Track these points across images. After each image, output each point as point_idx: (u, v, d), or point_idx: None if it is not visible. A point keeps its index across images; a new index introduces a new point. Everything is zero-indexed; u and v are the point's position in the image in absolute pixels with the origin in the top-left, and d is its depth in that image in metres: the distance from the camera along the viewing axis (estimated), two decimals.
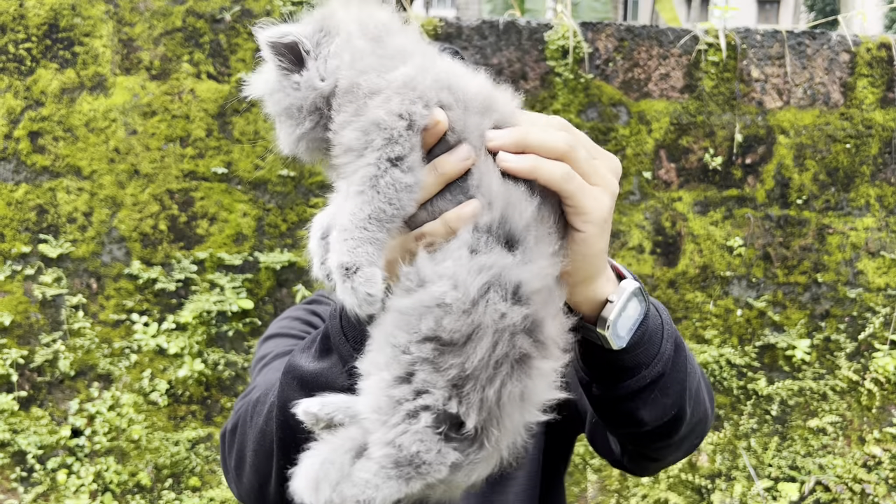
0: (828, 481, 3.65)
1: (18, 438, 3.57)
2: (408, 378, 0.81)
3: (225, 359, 3.65)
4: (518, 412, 0.82)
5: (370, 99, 0.83)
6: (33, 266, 3.57)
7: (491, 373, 0.79)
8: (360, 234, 0.82)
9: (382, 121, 0.81)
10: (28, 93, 3.51)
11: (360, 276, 0.81)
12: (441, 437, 0.81)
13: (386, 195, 0.81)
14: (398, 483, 0.81)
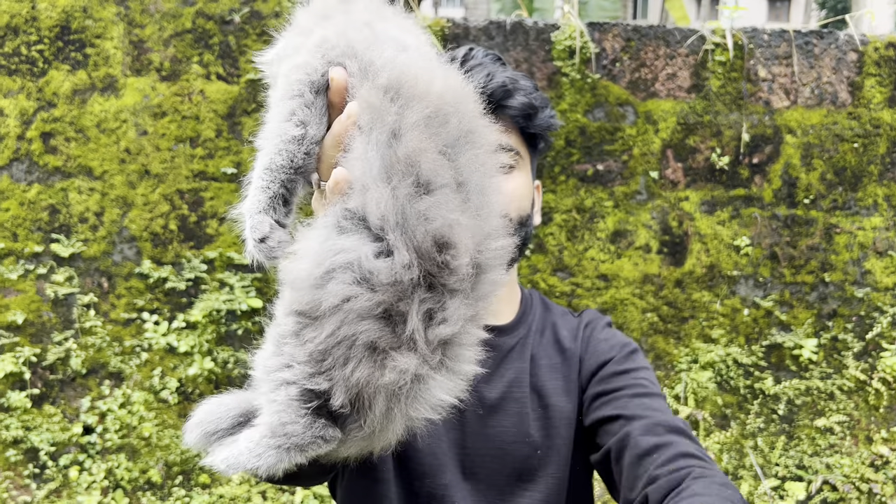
0: (835, 481, 3.66)
1: (31, 435, 3.62)
2: (279, 349, 0.84)
3: (234, 357, 3.69)
4: (388, 403, 0.82)
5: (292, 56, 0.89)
6: (45, 265, 3.61)
7: (345, 352, 0.80)
8: (255, 183, 0.87)
9: (286, 74, 0.86)
10: (40, 94, 3.56)
11: (248, 223, 0.86)
12: (309, 412, 0.82)
13: (276, 146, 0.85)
14: (277, 453, 0.83)
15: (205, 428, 0.91)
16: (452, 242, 0.81)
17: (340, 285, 0.79)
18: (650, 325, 3.71)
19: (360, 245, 0.80)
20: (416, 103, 0.84)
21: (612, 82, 3.61)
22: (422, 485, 1.35)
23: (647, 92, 3.62)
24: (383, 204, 0.80)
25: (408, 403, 0.83)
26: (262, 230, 0.85)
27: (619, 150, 3.63)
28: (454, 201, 0.82)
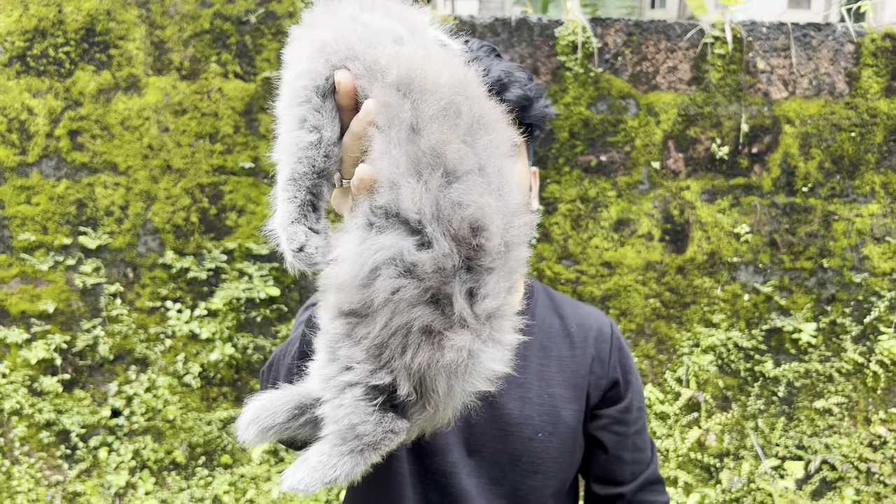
0: (834, 460, 3.77)
1: (63, 418, 3.81)
2: (333, 355, 0.86)
3: (254, 343, 3.86)
4: (449, 381, 0.86)
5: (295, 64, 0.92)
6: (74, 257, 3.80)
7: (402, 341, 0.82)
8: (281, 195, 0.88)
9: (290, 82, 0.88)
10: (67, 94, 3.73)
11: (284, 233, 0.88)
12: (377, 408, 0.85)
13: (294, 155, 0.87)
14: (352, 458, 0.86)
15: (261, 424, 0.91)
16: (485, 225, 0.83)
17: (387, 280, 0.81)
18: (653, 311, 3.83)
19: (398, 240, 0.82)
20: (429, 96, 0.85)
21: (615, 76, 3.73)
22: (431, 462, 1.43)
23: (648, 85, 3.73)
24: (418, 198, 0.82)
25: (466, 379, 0.86)
26: (299, 240, 0.87)
27: (622, 141, 3.75)
28: (480, 185, 0.85)
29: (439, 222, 0.82)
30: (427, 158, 0.83)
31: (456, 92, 0.87)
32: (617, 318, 3.83)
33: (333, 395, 0.86)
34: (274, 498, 3.77)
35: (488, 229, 0.84)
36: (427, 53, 0.92)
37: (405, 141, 0.84)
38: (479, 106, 0.90)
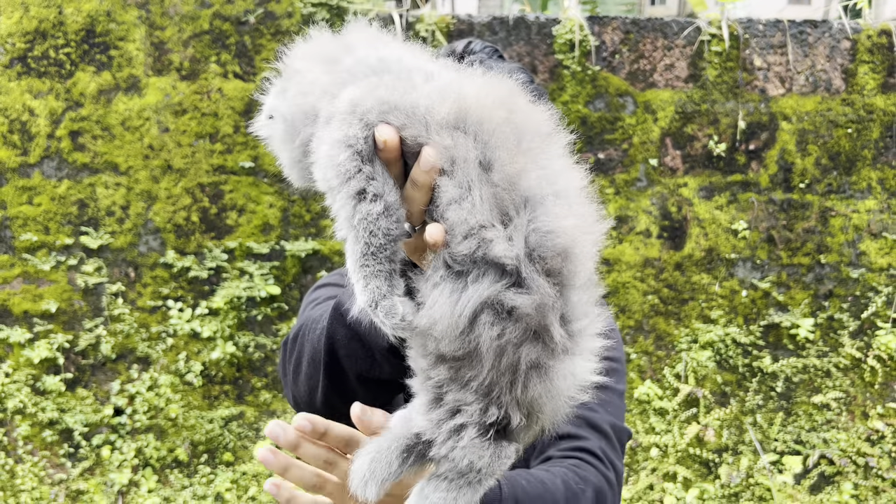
0: (832, 455, 3.79)
1: (66, 417, 3.84)
2: (439, 399, 0.85)
3: (255, 341, 3.88)
4: (554, 402, 0.85)
5: (325, 128, 0.87)
6: (76, 257, 3.82)
7: (510, 377, 0.82)
8: (363, 272, 0.85)
9: (330, 156, 0.84)
10: (68, 94, 3.76)
11: (379, 310, 0.86)
12: (491, 441, 0.84)
13: (366, 229, 0.84)
14: (471, 489, 0.86)
15: (378, 478, 0.89)
16: (573, 250, 0.81)
17: (489, 327, 0.80)
18: (651, 307, 3.85)
19: (492, 286, 0.80)
20: (486, 125, 0.82)
21: (612, 74, 3.75)
22: None
23: (645, 82, 3.76)
24: (509, 242, 0.80)
25: (567, 395, 0.86)
26: (398, 313, 0.85)
27: (620, 139, 3.77)
28: (561, 208, 0.82)
29: (532, 261, 0.80)
30: (507, 194, 0.80)
31: (509, 111, 0.84)
32: (615, 315, 3.86)
33: (447, 437, 0.85)
34: None
35: (576, 253, 0.82)
36: (460, 79, 0.88)
37: (477, 180, 0.80)
38: (533, 118, 0.87)
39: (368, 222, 0.84)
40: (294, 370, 1.30)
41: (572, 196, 0.85)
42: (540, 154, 0.84)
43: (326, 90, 0.88)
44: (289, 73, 0.95)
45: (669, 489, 3.79)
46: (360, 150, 0.83)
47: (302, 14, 3.73)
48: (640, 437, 3.84)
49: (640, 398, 3.85)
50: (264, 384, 3.93)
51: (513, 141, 0.82)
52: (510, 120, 0.83)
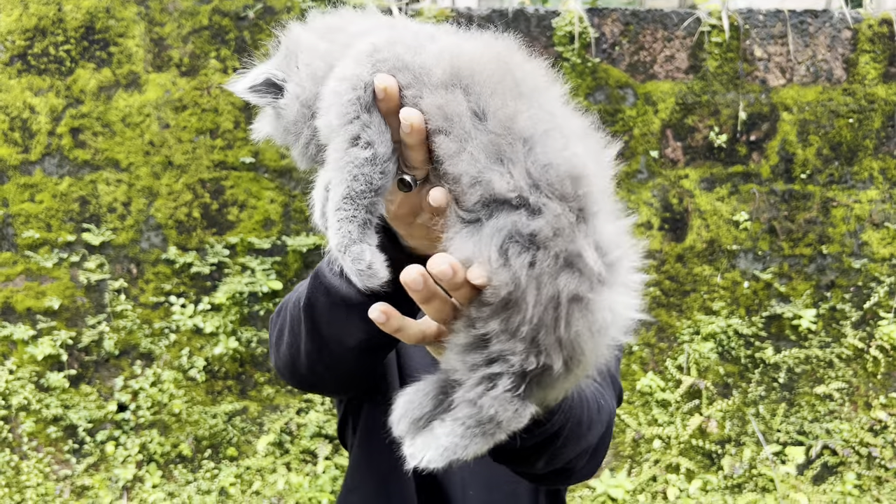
0: (835, 445, 3.79)
1: (70, 413, 3.85)
2: (480, 346, 0.84)
3: (257, 336, 3.89)
4: (596, 341, 0.84)
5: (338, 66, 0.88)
6: (78, 253, 3.83)
7: (553, 314, 0.81)
8: (340, 215, 0.87)
9: (336, 92, 0.85)
10: (68, 92, 3.76)
11: (348, 255, 0.87)
12: (521, 396, 0.84)
13: (350, 173, 0.86)
14: (483, 439, 0.85)
15: (411, 416, 0.90)
16: (582, 173, 0.82)
17: (517, 256, 0.80)
18: (653, 299, 3.85)
19: (508, 217, 0.81)
20: (479, 76, 0.84)
21: (612, 65, 3.74)
22: None
23: (646, 74, 3.75)
24: (508, 178, 0.81)
25: (608, 334, 0.85)
26: (365, 259, 0.86)
27: (620, 130, 3.76)
28: (561, 139, 0.83)
29: (539, 189, 0.81)
30: (502, 138, 0.82)
31: (503, 62, 0.87)
32: None
33: (478, 383, 0.85)
34: (280, 489, 3.81)
35: (586, 176, 0.83)
36: (458, 41, 0.91)
37: (473, 131, 0.83)
38: (528, 67, 0.90)
39: (354, 166, 0.86)
40: (276, 340, 1.31)
41: (572, 130, 0.86)
42: (535, 98, 0.86)
43: (337, 55, 0.90)
44: (293, 46, 0.96)
45: (672, 480, 3.80)
46: (361, 96, 0.85)
47: (301, 8, 3.73)
48: (643, 429, 3.84)
49: (643, 390, 3.86)
50: (267, 379, 3.94)
51: (507, 88, 0.84)
52: (503, 69, 0.86)
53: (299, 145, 0.97)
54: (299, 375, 1.27)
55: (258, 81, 0.97)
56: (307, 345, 1.19)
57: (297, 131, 0.95)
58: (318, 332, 1.16)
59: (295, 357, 1.24)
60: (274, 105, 0.97)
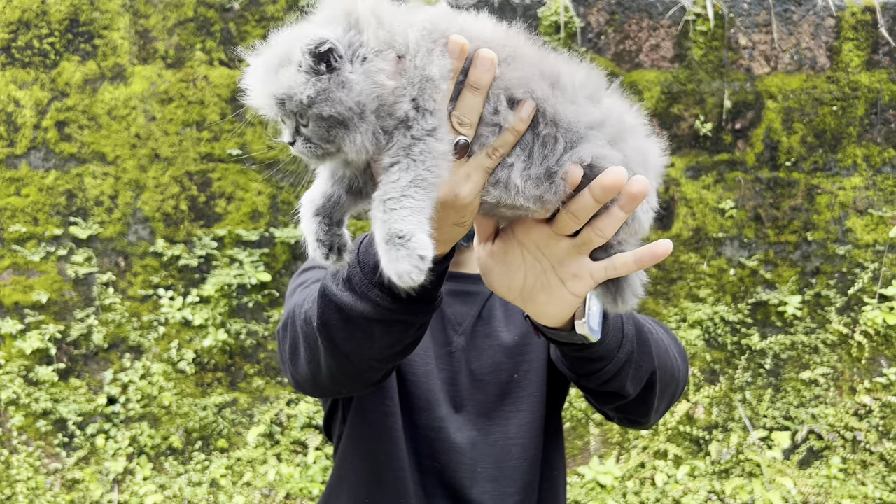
0: (820, 430, 3.83)
1: (59, 407, 3.85)
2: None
3: (246, 328, 3.90)
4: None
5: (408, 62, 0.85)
6: (65, 247, 3.82)
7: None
8: (407, 202, 0.83)
9: (428, 76, 0.84)
10: (53, 85, 3.75)
11: (413, 243, 0.83)
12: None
13: (423, 163, 0.83)
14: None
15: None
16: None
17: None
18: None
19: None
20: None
21: (598, 55, 3.75)
22: (420, 417, 1.51)
23: (631, 63, 3.76)
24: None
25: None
26: (429, 252, 0.84)
27: None
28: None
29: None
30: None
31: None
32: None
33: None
34: (270, 480, 3.83)
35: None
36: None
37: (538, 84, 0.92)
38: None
39: (434, 157, 0.84)
40: (291, 356, 1.30)
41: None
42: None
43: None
44: (358, 24, 0.88)
45: (660, 467, 3.83)
46: (433, 80, 0.85)
47: (286, 0, 3.72)
48: None
49: None
50: (257, 371, 3.95)
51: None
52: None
53: (365, 131, 0.87)
54: (322, 388, 1.28)
55: (322, 49, 0.84)
56: (327, 360, 1.19)
57: (362, 117, 0.85)
58: (336, 348, 1.15)
59: (316, 372, 1.24)
60: (327, 78, 0.85)
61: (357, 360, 1.16)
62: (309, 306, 1.20)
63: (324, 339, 1.15)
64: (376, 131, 0.86)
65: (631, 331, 1.18)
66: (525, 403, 1.55)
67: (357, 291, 1.05)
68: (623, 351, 1.16)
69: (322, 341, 1.16)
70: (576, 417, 3.90)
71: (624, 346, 1.16)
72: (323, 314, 1.13)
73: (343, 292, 1.08)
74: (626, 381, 1.18)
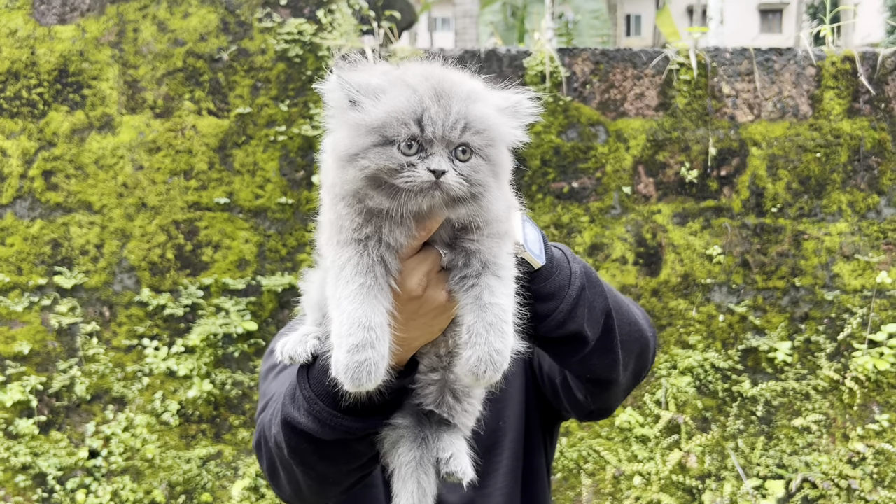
0: (814, 478, 3.78)
1: (39, 461, 3.76)
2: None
3: (232, 379, 3.84)
4: None
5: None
6: (49, 297, 3.78)
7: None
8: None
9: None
10: (41, 134, 3.75)
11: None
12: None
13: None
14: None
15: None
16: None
17: None
18: None
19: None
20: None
21: (584, 104, 3.80)
22: None
23: (616, 112, 3.80)
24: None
25: None
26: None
27: (593, 167, 3.80)
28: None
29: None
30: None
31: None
32: None
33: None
34: None
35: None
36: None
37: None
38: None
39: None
40: (271, 475, 1.36)
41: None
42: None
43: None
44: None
45: None
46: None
47: (275, 51, 3.76)
48: (623, 466, 3.81)
49: (622, 426, 3.84)
50: (242, 422, 3.88)
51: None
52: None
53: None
54: (308, 500, 1.35)
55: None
56: (306, 481, 1.26)
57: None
58: (313, 470, 1.22)
59: (297, 491, 1.31)
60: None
61: (335, 475, 1.24)
62: (276, 430, 1.26)
63: (298, 463, 1.22)
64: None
65: (578, 268, 1.21)
66: (507, 451, 1.56)
67: (320, 419, 1.15)
68: (573, 288, 1.18)
69: (296, 465, 1.23)
70: (567, 468, 3.84)
71: (573, 283, 1.18)
72: (290, 442, 1.21)
73: (306, 418, 1.16)
74: (584, 322, 1.19)
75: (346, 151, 0.96)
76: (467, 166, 0.95)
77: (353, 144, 0.95)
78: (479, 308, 1.02)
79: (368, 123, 0.93)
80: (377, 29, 3.94)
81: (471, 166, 0.96)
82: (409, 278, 1.05)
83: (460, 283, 1.05)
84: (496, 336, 1.00)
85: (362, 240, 1.01)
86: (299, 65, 3.77)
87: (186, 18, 3.77)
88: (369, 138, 0.94)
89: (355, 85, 0.96)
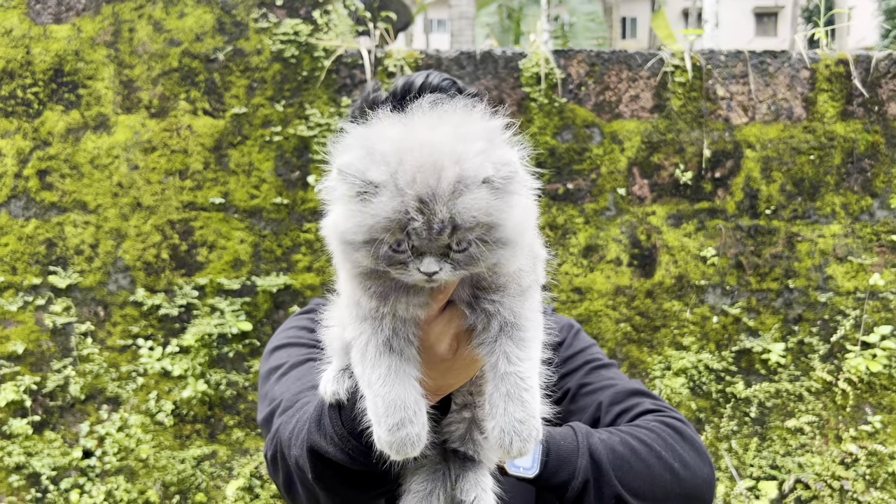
0: (807, 479, 3.80)
1: (33, 461, 3.76)
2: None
3: (227, 379, 3.84)
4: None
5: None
6: (44, 297, 3.78)
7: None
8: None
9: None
10: (36, 134, 3.75)
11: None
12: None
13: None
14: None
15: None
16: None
17: None
18: (624, 335, 3.87)
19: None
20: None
21: (579, 105, 3.81)
22: None
23: (611, 113, 3.81)
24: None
25: None
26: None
27: (588, 169, 3.81)
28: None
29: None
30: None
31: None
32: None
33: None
34: None
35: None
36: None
37: None
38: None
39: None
40: (287, 490, 1.34)
41: None
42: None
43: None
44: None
45: None
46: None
47: (271, 51, 3.76)
48: None
49: None
50: (237, 422, 3.88)
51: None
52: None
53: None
54: None
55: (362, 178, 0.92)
56: (327, 501, 1.25)
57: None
58: (336, 494, 1.22)
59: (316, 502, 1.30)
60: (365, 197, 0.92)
61: (358, 498, 1.23)
62: (299, 453, 1.24)
63: (321, 487, 1.22)
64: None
65: (584, 463, 1.29)
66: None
67: (352, 456, 1.15)
68: (576, 481, 1.28)
69: (320, 490, 1.22)
70: None
71: (576, 478, 1.28)
72: (315, 469, 1.20)
73: (334, 448, 1.16)
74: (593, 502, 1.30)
75: (343, 237, 0.94)
76: (465, 255, 0.92)
77: (350, 234, 0.93)
78: (497, 378, 1.01)
79: (361, 223, 0.90)
80: (373, 30, 3.94)
81: (468, 255, 0.92)
82: (437, 345, 1.06)
83: (479, 349, 1.05)
84: (515, 406, 1.00)
85: (379, 318, 1.01)
86: (295, 65, 3.78)
87: (182, 18, 3.77)
88: (362, 236, 0.91)
89: (360, 178, 0.91)
